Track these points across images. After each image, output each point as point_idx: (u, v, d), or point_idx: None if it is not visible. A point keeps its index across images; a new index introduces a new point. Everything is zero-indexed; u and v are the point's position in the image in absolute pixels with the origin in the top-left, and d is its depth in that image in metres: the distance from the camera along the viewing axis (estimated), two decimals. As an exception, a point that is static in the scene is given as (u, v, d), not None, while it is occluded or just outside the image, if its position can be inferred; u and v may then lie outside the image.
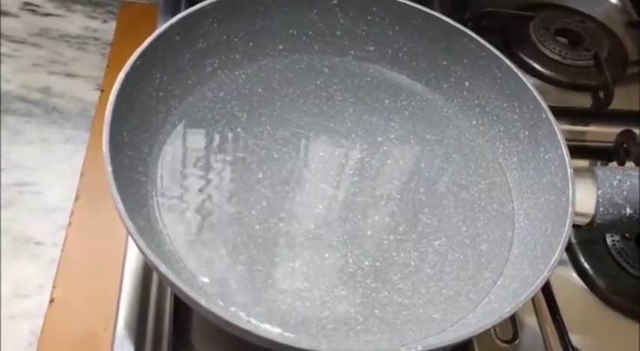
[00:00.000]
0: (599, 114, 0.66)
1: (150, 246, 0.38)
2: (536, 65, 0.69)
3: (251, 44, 0.54)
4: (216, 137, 0.50)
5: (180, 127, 0.50)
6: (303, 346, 0.35)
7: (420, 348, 0.35)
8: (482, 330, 0.37)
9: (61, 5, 0.76)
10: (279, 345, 0.35)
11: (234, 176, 0.49)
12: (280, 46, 0.55)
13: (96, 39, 0.75)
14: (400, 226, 0.48)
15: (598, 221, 0.44)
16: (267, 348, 0.36)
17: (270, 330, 0.41)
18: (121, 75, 0.43)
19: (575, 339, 0.51)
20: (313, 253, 0.46)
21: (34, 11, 0.76)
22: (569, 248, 0.57)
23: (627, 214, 0.44)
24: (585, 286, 0.55)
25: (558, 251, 0.40)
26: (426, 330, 0.43)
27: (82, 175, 0.59)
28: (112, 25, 0.75)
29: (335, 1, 0.54)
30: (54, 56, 0.71)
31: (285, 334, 0.41)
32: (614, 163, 0.61)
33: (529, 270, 0.42)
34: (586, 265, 0.55)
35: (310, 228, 0.47)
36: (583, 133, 0.65)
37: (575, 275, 0.56)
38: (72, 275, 0.52)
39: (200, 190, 0.47)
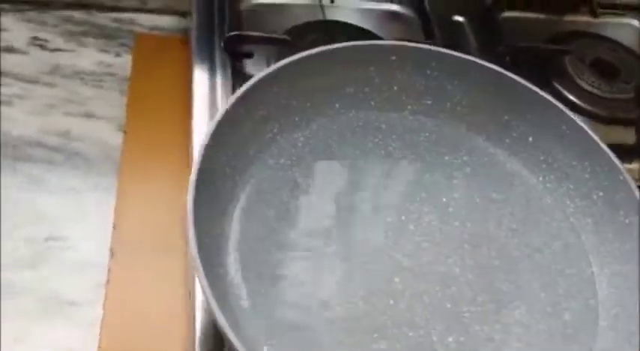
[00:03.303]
0: (644, 150, 0.65)
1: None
2: (574, 99, 0.67)
3: (308, 104, 0.52)
4: (281, 207, 0.48)
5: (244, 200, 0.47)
6: None
7: None
8: None
9: (71, 39, 0.73)
10: None
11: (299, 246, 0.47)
12: (337, 105, 0.53)
13: (111, 75, 0.71)
14: (479, 296, 0.47)
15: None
16: None
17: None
18: (195, 167, 0.41)
19: None
20: (395, 331, 0.44)
21: (42, 46, 0.72)
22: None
23: None
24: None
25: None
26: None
27: (114, 227, 0.56)
28: (126, 59, 0.72)
29: (394, 58, 0.52)
30: (69, 95, 0.68)
31: None
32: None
33: (629, 348, 0.41)
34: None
35: (390, 304, 0.45)
36: (628, 170, 0.64)
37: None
38: (115, 337, 0.50)
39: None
